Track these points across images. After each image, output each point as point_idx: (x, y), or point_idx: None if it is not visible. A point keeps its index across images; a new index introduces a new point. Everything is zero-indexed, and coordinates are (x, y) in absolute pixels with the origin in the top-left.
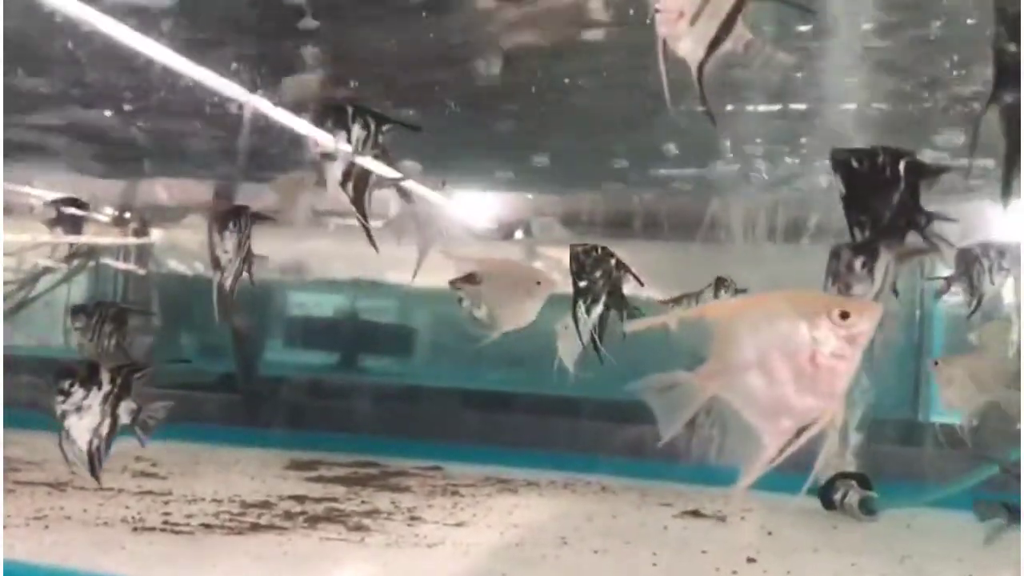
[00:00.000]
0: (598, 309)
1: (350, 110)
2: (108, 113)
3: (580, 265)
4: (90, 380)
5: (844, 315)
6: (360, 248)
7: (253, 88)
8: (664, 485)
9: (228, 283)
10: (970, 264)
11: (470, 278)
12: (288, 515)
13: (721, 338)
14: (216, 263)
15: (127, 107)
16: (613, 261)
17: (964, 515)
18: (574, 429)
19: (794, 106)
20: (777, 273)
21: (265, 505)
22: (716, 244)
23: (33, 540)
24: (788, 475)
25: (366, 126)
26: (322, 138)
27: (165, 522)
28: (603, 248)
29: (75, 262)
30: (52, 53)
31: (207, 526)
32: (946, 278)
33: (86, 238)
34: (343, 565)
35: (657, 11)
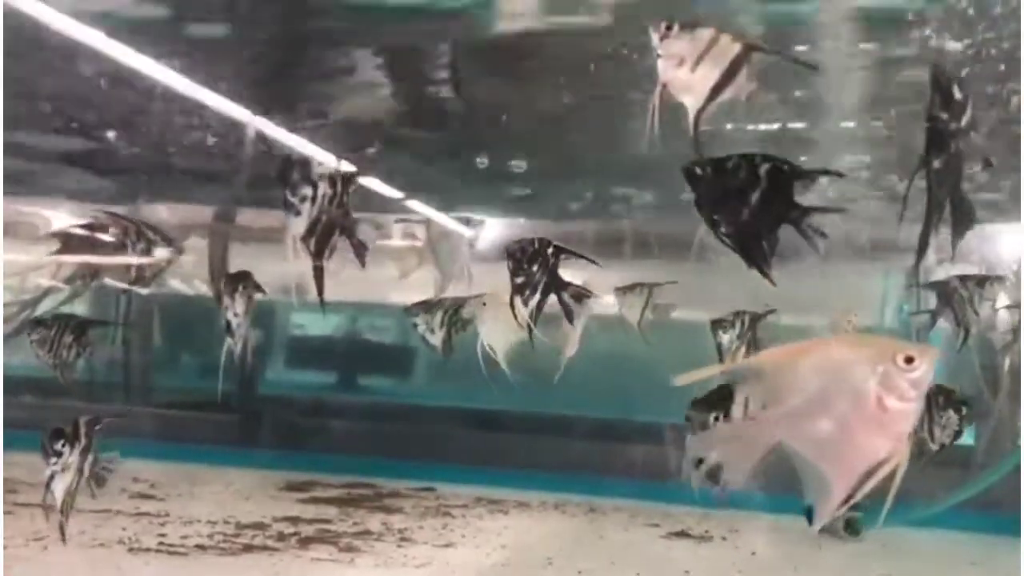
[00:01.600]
0: (535, 298)
1: (316, 165)
2: (111, 134)
3: (516, 262)
4: (74, 437)
5: (909, 360)
6: (360, 269)
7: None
8: (654, 506)
9: (237, 351)
10: (950, 297)
11: (425, 305)
12: (281, 536)
13: (782, 385)
14: (227, 326)
15: (129, 131)
16: (550, 250)
17: (947, 534)
18: (567, 449)
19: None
20: (767, 294)
21: (259, 526)
22: (706, 265)
23: (32, 561)
24: (776, 496)
25: (333, 184)
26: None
27: (160, 543)
28: (540, 240)
29: (78, 283)
30: (55, 78)
31: (201, 547)
32: (931, 312)
33: (88, 258)
34: None
35: (658, 56)
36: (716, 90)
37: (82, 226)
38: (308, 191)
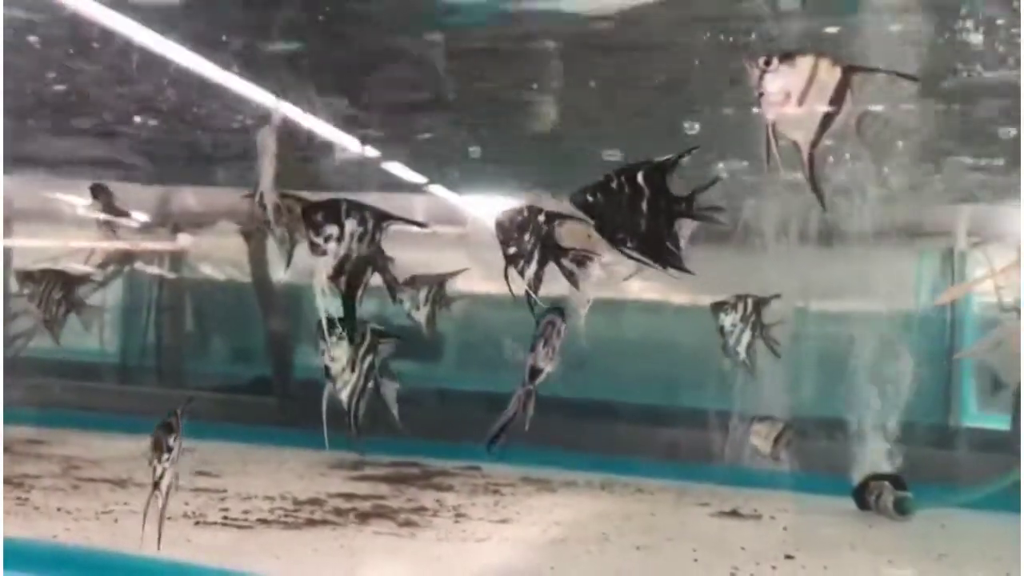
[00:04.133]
0: (532, 268)
1: (344, 205)
2: (138, 120)
3: (505, 232)
4: (178, 429)
5: None
6: (394, 252)
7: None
8: (699, 486)
9: (344, 397)
10: None
11: (412, 281)
12: (339, 511)
13: None
14: (326, 371)
15: (158, 116)
16: (541, 217)
17: (998, 516)
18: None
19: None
20: (810, 277)
21: (316, 502)
22: (749, 249)
23: (106, 532)
24: (822, 476)
25: (363, 222)
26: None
27: (225, 517)
28: (529, 208)
29: (111, 268)
30: (86, 63)
31: (264, 521)
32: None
33: (121, 244)
34: (399, 558)
35: (760, 95)
36: (826, 121)
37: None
38: (334, 230)
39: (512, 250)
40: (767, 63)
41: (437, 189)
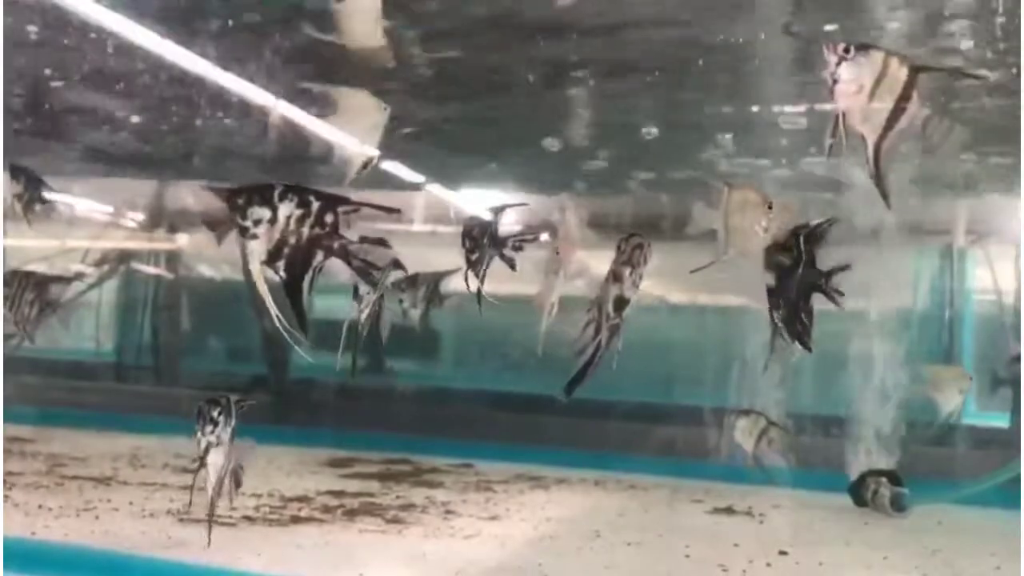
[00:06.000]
0: (484, 265)
1: (278, 188)
2: (136, 119)
3: (473, 240)
4: (227, 412)
5: None
6: (391, 251)
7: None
8: (694, 482)
9: (362, 318)
10: None
11: (412, 280)
12: (326, 508)
13: None
14: (355, 291)
15: (154, 113)
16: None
17: (994, 512)
18: (602, 430)
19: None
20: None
21: (303, 499)
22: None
23: (85, 529)
24: (817, 472)
25: (304, 204)
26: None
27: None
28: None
29: (106, 267)
30: (80, 59)
31: (249, 519)
32: None
33: (116, 243)
34: (384, 555)
35: (834, 82)
36: (891, 120)
37: None
38: (264, 214)
39: (475, 256)
40: (846, 51)
41: None
